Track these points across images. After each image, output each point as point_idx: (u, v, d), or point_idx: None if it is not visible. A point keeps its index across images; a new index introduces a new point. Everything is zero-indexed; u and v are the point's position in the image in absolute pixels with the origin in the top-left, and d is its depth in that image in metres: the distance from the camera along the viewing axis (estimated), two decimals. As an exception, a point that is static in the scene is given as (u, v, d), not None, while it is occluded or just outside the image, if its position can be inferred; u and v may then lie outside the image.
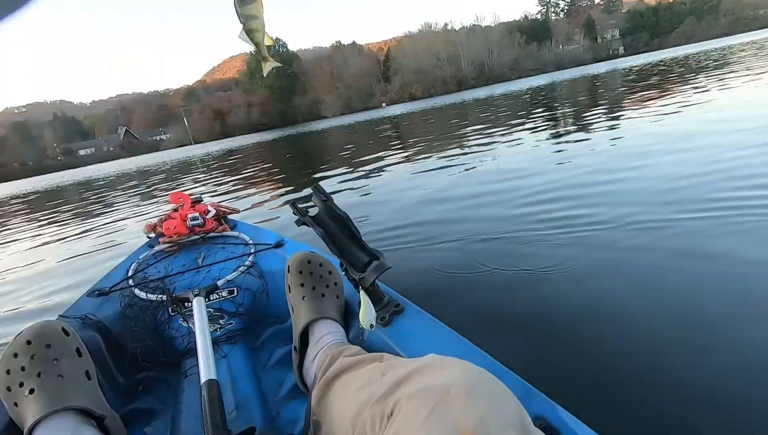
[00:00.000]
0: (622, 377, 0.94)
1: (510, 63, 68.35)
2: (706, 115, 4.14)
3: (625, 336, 1.07)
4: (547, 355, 1.05)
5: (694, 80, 7.85)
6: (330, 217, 0.84)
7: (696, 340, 1.01)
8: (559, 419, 0.52)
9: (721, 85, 6.26)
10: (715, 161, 2.44)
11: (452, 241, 1.93)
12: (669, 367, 0.95)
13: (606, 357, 1.00)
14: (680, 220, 1.71)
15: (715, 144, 2.85)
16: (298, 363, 0.81)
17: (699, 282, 1.25)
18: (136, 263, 1.20)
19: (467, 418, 0.39)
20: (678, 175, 2.31)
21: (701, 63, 12.90)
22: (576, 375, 0.96)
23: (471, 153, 4.56)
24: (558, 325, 1.16)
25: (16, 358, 0.64)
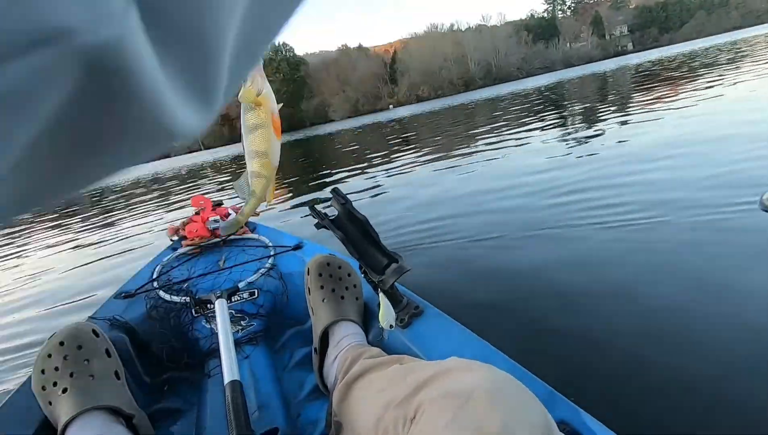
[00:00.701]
0: (651, 382, 0.92)
1: (517, 62, 68.09)
2: (726, 108, 4.07)
3: (654, 341, 1.05)
4: (572, 359, 1.04)
5: (709, 75, 7.74)
6: (349, 219, 0.84)
7: (739, 348, 0.97)
8: (583, 424, 0.52)
9: (738, 78, 6.16)
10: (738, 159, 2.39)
11: (471, 241, 1.93)
12: (700, 373, 0.92)
13: (634, 362, 0.99)
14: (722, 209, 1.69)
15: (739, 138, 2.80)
16: (319, 364, 0.82)
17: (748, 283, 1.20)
18: (160, 266, 1.22)
19: (491, 423, 0.39)
20: (705, 173, 2.27)
21: (713, 57, 12.69)
22: (601, 380, 0.95)
23: (484, 152, 4.55)
24: (582, 328, 1.15)
25: (50, 358, 0.66)
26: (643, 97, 6.66)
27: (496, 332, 0.84)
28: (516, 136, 5.18)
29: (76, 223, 6.16)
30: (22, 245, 4.94)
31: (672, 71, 10.84)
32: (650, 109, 5.05)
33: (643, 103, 5.85)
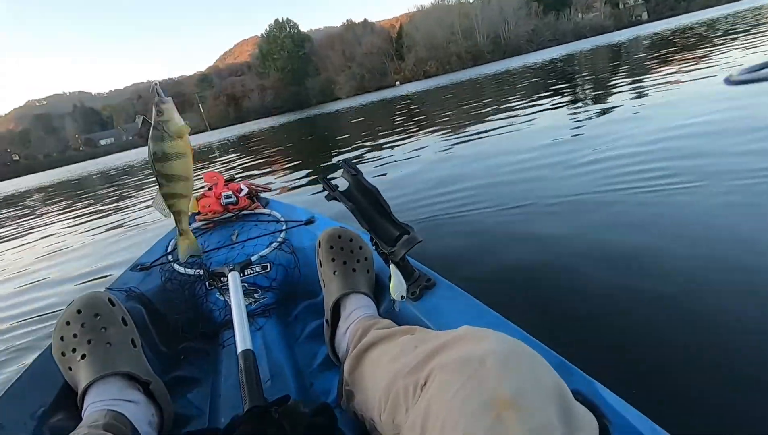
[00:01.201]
0: (664, 355, 0.91)
1: (527, 34, 66.18)
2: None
3: (680, 313, 1.02)
4: (585, 331, 1.02)
5: (733, 41, 7.45)
6: (359, 191, 0.83)
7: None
8: (597, 394, 0.51)
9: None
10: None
11: (486, 213, 1.91)
12: (729, 346, 0.90)
13: (655, 335, 0.97)
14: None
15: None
16: (330, 336, 0.82)
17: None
18: (173, 240, 1.24)
19: (504, 389, 0.38)
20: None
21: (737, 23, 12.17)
22: (615, 353, 0.94)
23: (497, 126, 4.44)
24: (600, 299, 1.13)
25: (68, 326, 0.68)
26: (661, 66, 6.45)
27: (510, 305, 0.84)
28: (530, 110, 5.07)
29: (91, 202, 6.28)
30: (42, 224, 5.06)
31: (691, 39, 10.46)
32: (671, 78, 4.89)
33: (663, 72, 5.66)
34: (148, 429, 0.66)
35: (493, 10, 68.06)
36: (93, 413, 0.62)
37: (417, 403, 0.46)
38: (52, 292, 2.21)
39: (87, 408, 0.64)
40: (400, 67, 66.55)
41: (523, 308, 1.14)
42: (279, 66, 73.77)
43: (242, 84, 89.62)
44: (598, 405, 0.50)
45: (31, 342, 1.58)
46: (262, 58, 78.61)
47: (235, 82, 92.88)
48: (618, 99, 4.42)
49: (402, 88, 37.58)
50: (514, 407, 0.37)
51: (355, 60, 69.37)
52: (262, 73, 78.83)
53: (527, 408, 0.37)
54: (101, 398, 0.64)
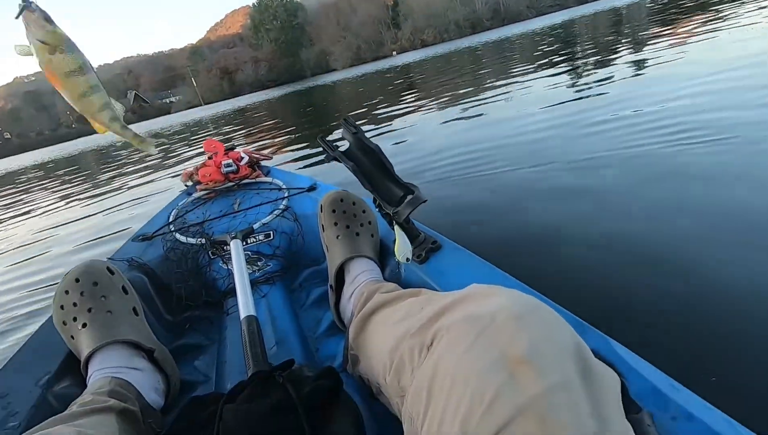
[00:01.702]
0: (682, 314, 0.89)
1: (527, 0, 64.23)
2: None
3: (688, 273, 1.00)
4: (599, 290, 1.00)
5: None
6: (360, 150, 0.79)
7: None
8: (615, 353, 0.49)
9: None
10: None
11: (492, 174, 1.89)
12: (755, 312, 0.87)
13: (668, 295, 0.95)
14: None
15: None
16: (335, 301, 0.81)
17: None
18: (175, 210, 1.23)
19: (517, 345, 0.35)
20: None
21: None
22: (631, 312, 0.92)
23: (503, 91, 4.36)
24: (607, 256, 1.11)
25: (67, 294, 0.67)
26: (668, 27, 6.27)
27: (519, 265, 0.81)
28: (537, 75, 4.95)
29: (92, 175, 6.25)
30: (40, 198, 5.05)
31: (694, 3, 10.14)
32: (686, 36, 4.76)
33: (670, 33, 5.50)
34: (155, 395, 0.66)
35: (492, -26, 65.80)
36: (97, 380, 0.61)
37: (423, 364, 0.44)
38: (53, 263, 2.22)
39: (91, 376, 0.63)
40: (397, 36, 64.85)
41: (534, 269, 1.12)
42: (272, 37, 71.80)
43: (235, 56, 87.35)
44: (614, 363, 0.48)
45: (34, 312, 1.60)
46: (254, 28, 76.40)
47: (228, 55, 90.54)
48: (624, 61, 4.31)
49: (399, 57, 36.77)
50: (529, 364, 0.34)
51: (350, 30, 67.52)
52: (255, 44, 76.77)
53: (544, 364, 0.34)
54: (105, 366, 0.63)
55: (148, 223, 1.19)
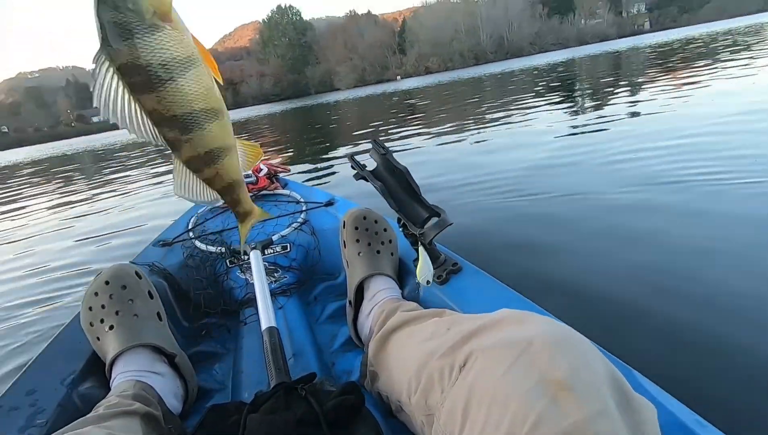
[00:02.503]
0: (709, 351, 0.90)
1: (530, 37, 66.25)
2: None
3: (707, 304, 1.03)
4: (622, 321, 1.02)
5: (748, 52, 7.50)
6: (388, 171, 0.81)
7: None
8: (640, 386, 0.50)
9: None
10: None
11: (514, 200, 1.94)
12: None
13: (691, 330, 0.96)
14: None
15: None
16: (353, 317, 0.81)
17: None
18: (195, 217, 1.24)
19: (557, 371, 0.36)
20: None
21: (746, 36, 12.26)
22: (656, 346, 0.93)
23: (506, 123, 4.46)
24: (629, 289, 1.13)
25: (96, 296, 0.68)
26: (672, 76, 6.48)
27: (537, 292, 0.82)
28: (545, 109, 5.07)
29: (109, 179, 6.23)
30: (66, 197, 5.00)
31: (700, 49, 10.52)
32: (681, 88, 4.92)
33: (671, 82, 5.69)
34: (174, 401, 0.66)
35: (498, 10, 67.92)
36: (122, 383, 0.62)
37: (456, 385, 0.45)
38: (77, 260, 2.22)
39: (115, 378, 0.64)
40: (402, 61, 66.23)
41: (553, 296, 1.13)
42: (279, 53, 72.96)
43: (241, 69, 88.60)
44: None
45: (56, 310, 1.60)
46: (263, 43, 77.70)
47: (234, 67, 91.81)
48: (623, 104, 4.43)
49: (403, 82, 37.46)
50: (570, 389, 0.35)
51: (356, 52, 68.90)
52: (262, 59, 77.94)
53: (584, 391, 0.35)
54: (129, 369, 0.64)
55: (169, 229, 1.21)
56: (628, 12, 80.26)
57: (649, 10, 79.75)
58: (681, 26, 64.18)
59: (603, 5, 77.64)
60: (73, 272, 2.03)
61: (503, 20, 66.80)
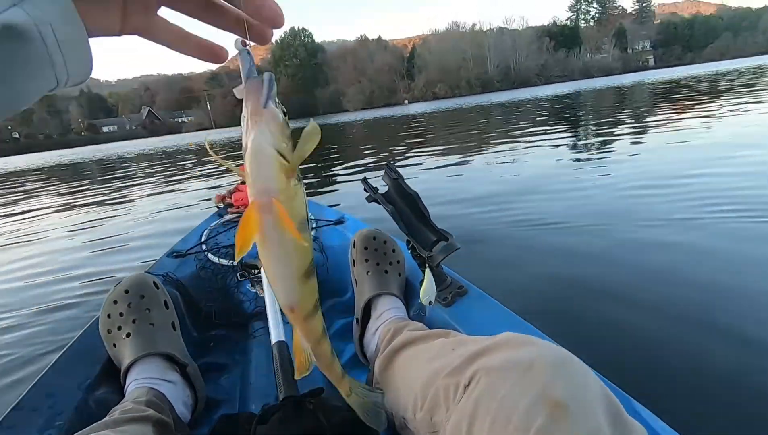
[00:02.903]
0: (707, 379, 0.92)
1: (537, 68, 67.55)
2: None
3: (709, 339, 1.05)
4: (622, 351, 1.04)
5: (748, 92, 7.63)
6: (399, 194, 0.85)
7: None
8: (634, 411, 0.52)
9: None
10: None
11: (521, 227, 1.99)
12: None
13: (690, 357, 0.99)
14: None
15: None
16: (360, 335, 0.83)
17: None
18: (208, 230, 1.28)
19: (555, 389, 0.39)
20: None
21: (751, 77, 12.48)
22: (654, 375, 0.95)
23: (512, 151, 4.53)
24: (632, 319, 1.15)
25: (115, 304, 0.70)
26: (679, 111, 6.59)
27: (542, 317, 0.84)
28: (551, 139, 5.15)
29: (124, 189, 6.30)
30: (81, 203, 5.06)
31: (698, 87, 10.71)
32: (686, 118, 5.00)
33: (677, 118, 5.78)
34: (184, 410, 0.68)
35: (505, 41, 69.63)
36: (135, 389, 0.64)
37: (461, 403, 0.47)
38: (91, 268, 2.26)
39: (130, 384, 0.66)
40: (410, 86, 67.47)
41: (557, 323, 1.15)
42: (290, 72, 74.47)
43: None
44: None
45: (71, 314, 1.64)
46: (274, 62, 79.44)
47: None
48: (629, 137, 4.50)
49: (411, 106, 38.01)
50: (566, 408, 0.38)
51: (366, 75, 70.28)
52: (273, 77, 79.35)
53: (579, 411, 0.38)
54: (143, 376, 0.66)
55: (182, 241, 1.24)
56: (633, 48, 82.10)
57: (654, 47, 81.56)
58: (685, 64, 65.49)
59: (609, 41, 79.47)
60: (89, 280, 2.08)
61: (510, 51, 68.36)
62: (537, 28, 79.01)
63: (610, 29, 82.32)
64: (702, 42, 77.48)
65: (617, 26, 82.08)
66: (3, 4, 0.20)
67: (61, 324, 1.55)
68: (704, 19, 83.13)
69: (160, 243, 2.45)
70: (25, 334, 1.51)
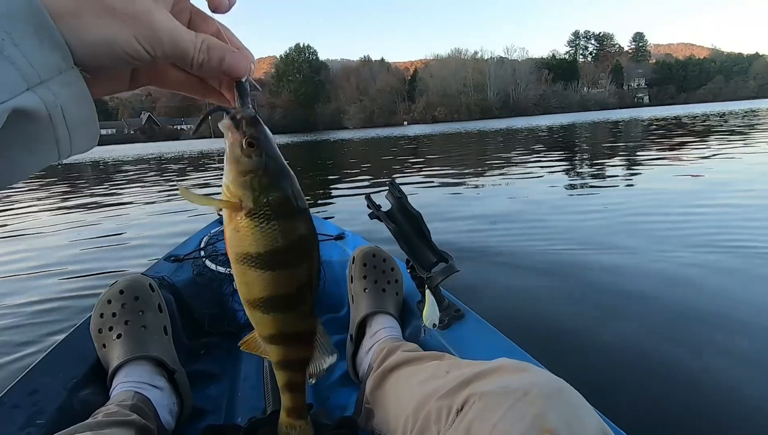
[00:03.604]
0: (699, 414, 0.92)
1: (535, 98, 68.96)
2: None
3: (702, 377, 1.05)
4: (613, 381, 1.04)
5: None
6: (402, 214, 0.85)
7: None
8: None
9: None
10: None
11: (522, 252, 2.01)
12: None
13: (684, 396, 0.98)
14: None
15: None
16: (353, 352, 0.82)
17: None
18: (207, 236, 1.27)
19: (549, 419, 0.39)
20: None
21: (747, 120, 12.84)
22: (648, 409, 0.95)
23: (507, 179, 4.59)
24: (627, 353, 1.16)
25: (109, 304, 0.69)
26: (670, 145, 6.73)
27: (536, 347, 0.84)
28: (547, 167, 5.23)
29: (125, 191, 6.27)
30: (83, 203, 5.01)
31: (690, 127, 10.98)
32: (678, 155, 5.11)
33: (665, 155, 5.90)
34: (168, 417, 0.66)
35: (506, 70, 71.24)
36: (121, 393, 0.62)
37: (453, 427, 0.46)
38: (87, 267, 2.22)
39: (116, 387, 0.64)
40: (410, 108, 68.42)
41: (551, 350, 1.15)
42: (292, 87, 75.36)
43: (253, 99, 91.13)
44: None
45: (63, 312, 1.61)
46: (277, 77, 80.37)
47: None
48: (621, 169, 4.59)
49: (410, 128, 38.45)
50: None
51: (367, 94, 71.25)
52: (275, 91, 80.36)
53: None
54: (130, 379, 0.65)
55: (181, 246, 1.23)
56: (629, 85, 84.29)
57: (649, 85, 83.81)
58: (678, 103, 67.27)
59: (605, 76, 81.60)
60: (83, 279, 2.05)
61: (510, 80, 69.87)
62: (536, 60, 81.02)
63: (607, 66, 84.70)
64: (695, 83, 79.81)
65: (614, 63, 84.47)
66: (17, 88, 0.20)
67: (50, 321, 1.53)
68: (698, 61, 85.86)
69: (160, 244, 2.45)
70: (11, 330, 1.47)
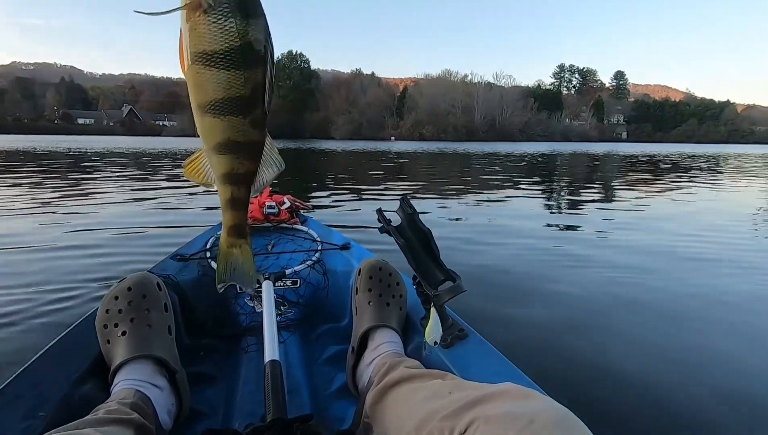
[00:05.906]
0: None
1: (520, 124, 70.68)
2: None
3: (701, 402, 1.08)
4: (618, 411, 1.05)
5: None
6: (412, 230, 0.86)
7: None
8: None
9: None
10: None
11: (527, 271, 2.07)
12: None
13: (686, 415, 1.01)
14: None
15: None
16: (353, 364, 0.82)
17: None
18: (213, 238, 1.25)
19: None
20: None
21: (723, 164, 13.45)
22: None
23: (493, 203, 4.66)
24: (629, 383, 1.18)
25: (116, 300, 0.69)
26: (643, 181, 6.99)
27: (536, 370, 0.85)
28: (527, 195, 5.34)
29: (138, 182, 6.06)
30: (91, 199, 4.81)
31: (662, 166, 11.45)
32: (650, 191, 5.30)
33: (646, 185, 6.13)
34: (166, 417, 0.66)
35: (494, 95, 72.98)
36: (122, 390, 0.62)
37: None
38: (93, 262, 2.15)
39: (117, 384, 0.64)
40: (398, 124, 69.10)
41: (550, 374, 1.17)
42: (282, 93, 75.27)
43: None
44: None
45: (67, 305, 1.57)
46: (268, 82, 79.80)
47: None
48: (594, 202, 4.73)
49: (397, 144, 38.75)
50: None
51: (356, 106, 71.64)
52: (264, 96, 79.76)
53: None
54: (132, 377, 0.64)
55: (187, 246, 1.22)
56: (608, 120, 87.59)
57: (627, 122, 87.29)
58: (654, 142, 70.18)
59: (587, 110, 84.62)
60: (90, 274, 1.98)
61: (497, 105, 71.55)
62: (523, 88, 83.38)
63: (589, 100, 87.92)
64: (670, 124, 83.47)
65: (596, 98, 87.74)
66: None
67: (55, 313, 1.49)
68: (674, 103, 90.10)
69: (166, 243, 2.41)
70: (17, 316, 1.43)
